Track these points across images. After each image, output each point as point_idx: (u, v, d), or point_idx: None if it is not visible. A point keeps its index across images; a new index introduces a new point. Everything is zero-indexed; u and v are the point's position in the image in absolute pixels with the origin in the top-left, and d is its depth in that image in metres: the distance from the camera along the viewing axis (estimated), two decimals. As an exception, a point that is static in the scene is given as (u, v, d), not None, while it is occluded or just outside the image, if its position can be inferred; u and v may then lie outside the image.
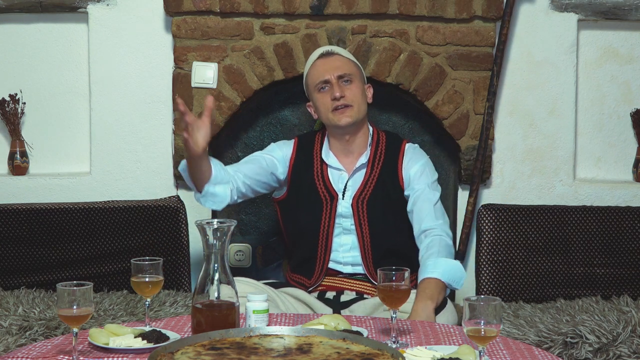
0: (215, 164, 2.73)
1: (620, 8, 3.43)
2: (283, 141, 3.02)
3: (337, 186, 2.87)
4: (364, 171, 2.87)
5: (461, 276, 2.64)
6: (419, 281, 2.62)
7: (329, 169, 2.89)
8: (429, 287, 2.57)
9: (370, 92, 2.94)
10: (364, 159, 2.87)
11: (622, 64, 3.57)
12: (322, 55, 2.90)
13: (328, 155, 2.90)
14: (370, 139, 2.90)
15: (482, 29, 3.34)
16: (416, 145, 2.98)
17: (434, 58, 3.36)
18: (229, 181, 2.76)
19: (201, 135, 2.54)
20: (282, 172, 2.93)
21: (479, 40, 3.35)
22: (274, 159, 2.92)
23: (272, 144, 3.00)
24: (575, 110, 3.51)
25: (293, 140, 2.99)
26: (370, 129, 2.93)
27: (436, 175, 2.91)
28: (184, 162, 2.76)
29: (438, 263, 2.63)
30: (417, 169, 2.86)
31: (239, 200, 2.86)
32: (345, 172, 2.88)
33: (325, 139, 2.94)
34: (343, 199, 2.85)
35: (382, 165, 2.88)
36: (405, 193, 2.87)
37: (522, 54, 3.46)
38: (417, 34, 3.34)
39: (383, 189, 2.85)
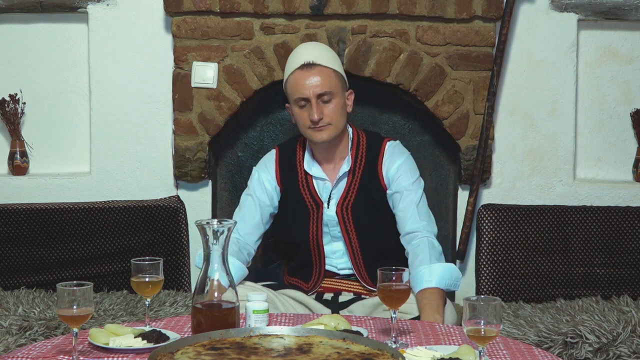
0: (235, 267, 2.63)
1: (620, 8, 3.43)
2: (263, 163, 2.92)
3: (322, 195, 2.83)
4: (346, 179, 2.83)
5: (457, 277, 2.62)
6: (415, 290, 2.55)
7: (313, 178, 2.85)
8: (433, 299, 2.51)
9: (351, 99, 2.86)
10: (345, 166, 2.81)
11: (622, 64, 3.56)
12: (303, 66, 2.76)
13: (311, 166, 2.84)
14: (350, 142, 2.84)
15: (482, 29, 3.34)
16: (397, 142, 2.90)
17: (434, 58, 3.35)
18: (244, 260, 2.77)
19: None
20: (277, 198, 2.89)
21: (479, 40, 3.34)
22: (266, 195, 2.86)
23: (255, 172, 2.90)
24: (575, 110, 3.51)
25: (273, 154, 2.91)
26: (350, 130, 2.86)
27: (417, 173, 2.84)
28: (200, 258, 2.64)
29: (433, 270, 2.57)
30: (396, 168, 2.80)
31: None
32: (329, 182, 2.83)
33: (307, 147, 2.87)
34: (328, 207, 2.82)
35: (363, 169, 2.82)
36: (388, 192, 2.81)
37: (522, 53, 3.46)
38: (417, 34, 3.34)
39: (366, 194, 2.81)
